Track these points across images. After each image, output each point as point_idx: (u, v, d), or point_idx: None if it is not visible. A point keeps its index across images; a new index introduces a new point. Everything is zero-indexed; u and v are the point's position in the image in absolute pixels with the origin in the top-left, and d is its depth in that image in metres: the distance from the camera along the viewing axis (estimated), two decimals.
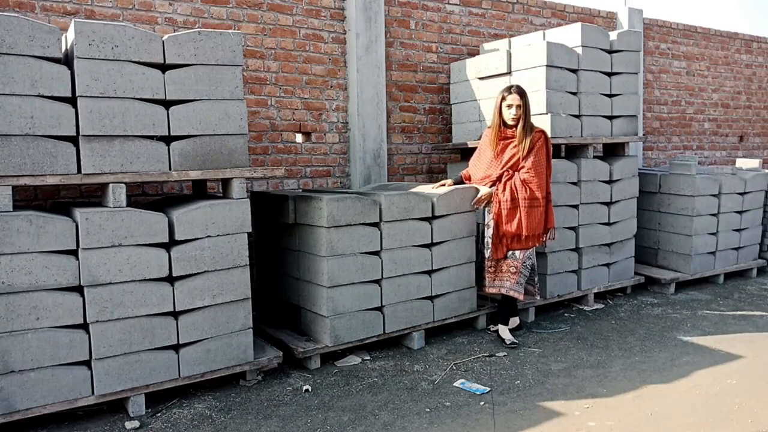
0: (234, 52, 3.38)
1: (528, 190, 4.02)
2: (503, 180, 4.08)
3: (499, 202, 4.07)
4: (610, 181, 5.10)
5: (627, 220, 5.31)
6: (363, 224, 3.81)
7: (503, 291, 4.15)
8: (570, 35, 4.89)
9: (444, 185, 4.31)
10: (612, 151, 5.37)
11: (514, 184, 4.04)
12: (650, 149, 7.59)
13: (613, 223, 5.17)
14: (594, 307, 5.03)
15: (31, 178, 2.90)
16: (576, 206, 4.88)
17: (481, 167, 4.25)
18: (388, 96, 5.42)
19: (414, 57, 5.62)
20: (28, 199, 3.92)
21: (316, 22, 5.04)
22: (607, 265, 5.20)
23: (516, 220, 4.02)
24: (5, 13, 2.93)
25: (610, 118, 5.09)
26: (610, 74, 5.04)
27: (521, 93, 4.02)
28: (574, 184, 4.86)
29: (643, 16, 7.22)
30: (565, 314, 4.87)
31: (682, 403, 3.17)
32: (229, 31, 3.43)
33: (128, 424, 3.00)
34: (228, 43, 3.36)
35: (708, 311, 4.90)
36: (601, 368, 3.69)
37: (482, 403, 3.21)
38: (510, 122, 4.05)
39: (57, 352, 2.92)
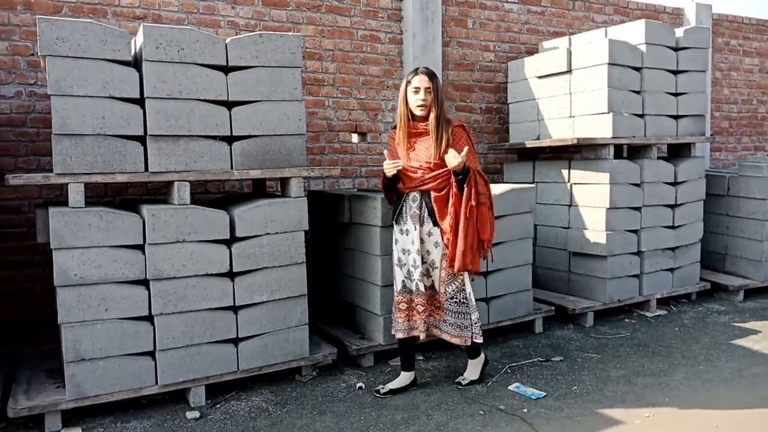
0: (293, 54, 3.44)
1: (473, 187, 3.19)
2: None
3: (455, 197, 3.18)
4: (674, 183, 4.92)
5: (692, 224, 5.10)
6: None
7: (446, 337, 3.35)
8: (633, 32, 4.75)
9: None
10: (677, 152, 5.18)
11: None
12: (718, 150, 7.27)
13: (678, 226, 4.98)
14: (656, 314, 4.86)
15: (101, 176, 3.04)
16: (638, 209, 4.73)
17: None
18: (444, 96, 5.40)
19: (471, 56, 5.58)
20: (98, 195, 4.11)
21: (374, 23, 5.08)
22: (671, 270, 5.01)
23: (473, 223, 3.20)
24: (81, 19, 3.08)
25: (676, 117, 4.91)
26: (675, 72, 4.87)
27: (430, 74, 3.21)
28: (637, 185, 4.71)
29: (712, 11, 6.93)
30: (626, 320, 4.73)
31: (750, 416, 3.03)
32: (289, 33, 3.50)
33: (189, 414, 3.11)
34: (288, 46, 3.43)
35: None
36: (662, 376, 3.56)
37: (537, 407, 3.15)
38: (418, 111, 3.21)
39: (124, 343, 3.05)
